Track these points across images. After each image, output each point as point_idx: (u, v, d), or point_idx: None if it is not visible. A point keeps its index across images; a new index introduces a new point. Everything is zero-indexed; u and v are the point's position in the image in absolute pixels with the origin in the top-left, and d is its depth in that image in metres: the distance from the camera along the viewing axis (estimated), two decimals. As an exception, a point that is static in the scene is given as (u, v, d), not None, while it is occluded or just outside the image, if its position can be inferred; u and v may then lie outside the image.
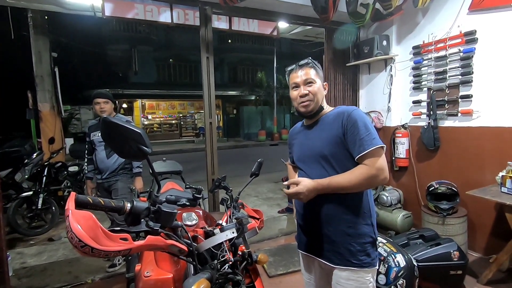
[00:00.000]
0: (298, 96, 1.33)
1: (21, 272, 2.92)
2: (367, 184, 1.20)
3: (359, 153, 1.19)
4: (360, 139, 1.19)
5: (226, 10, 3.32)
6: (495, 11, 2.76)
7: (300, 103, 1.34)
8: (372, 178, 1.17)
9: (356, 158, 1.21)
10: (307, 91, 1.31)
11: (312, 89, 1.31)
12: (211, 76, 3.25)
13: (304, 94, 1.32)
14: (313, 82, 1.32)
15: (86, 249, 0.65)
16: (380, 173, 1.17)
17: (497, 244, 2.73)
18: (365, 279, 1.27)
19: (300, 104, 1.34)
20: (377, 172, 1.17)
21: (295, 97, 1.36)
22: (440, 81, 3.20)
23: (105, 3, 2.96)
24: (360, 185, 1.19)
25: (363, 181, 1.17)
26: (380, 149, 1.19)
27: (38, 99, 5.60)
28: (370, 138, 1.19)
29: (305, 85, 1.32)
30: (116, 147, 0.88)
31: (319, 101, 1.34)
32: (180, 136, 18.16)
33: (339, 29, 3.92)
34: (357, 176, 1.17)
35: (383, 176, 1.18)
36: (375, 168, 1.17)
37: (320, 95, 1.34)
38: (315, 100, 1.32)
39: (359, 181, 1.17)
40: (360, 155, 1.19)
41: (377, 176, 1.17)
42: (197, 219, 1.38)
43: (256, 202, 5.25)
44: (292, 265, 2.87)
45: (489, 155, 2.88)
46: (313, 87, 1.32)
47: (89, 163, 2.91)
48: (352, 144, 1.22)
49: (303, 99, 1.32)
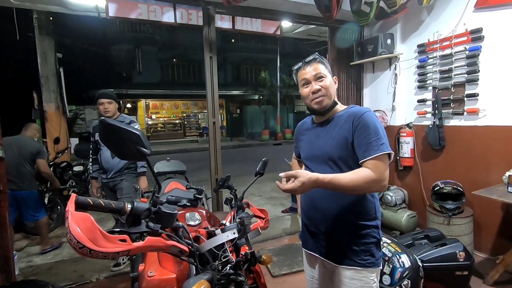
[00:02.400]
0: (310, 92, 1.27)
1: (27, 270, 2.95)
2: (365, 188, 1.14)
3: (364, 157, 1.16)
4: (367, 143, 1.16)
5: (229, 10, 3.32)
6: (501, 8, 2.72)
7: (313, 100, 1.27)
8: (371, 182, 1.12)
9: (361, 161, 1.17)
10: (319, 86, 1.25)
11: (324, 84, 1.25)
12: (215, 75, 3.25)
13: (317, 90, 1.25)
14: (324, 77, 1.26)
15: (84, 250, 0.65)
16: (380, 180, 1.13)
17: (504, 245, 2.69)
18: (369, 279, 1.26)
19: (313, 101, 1.28)
20: (378, 178, 1.12)
21: (306, 94, 1.29)
22: (445, 80, 3.17)
23: (109, 3, 2.98)
24: (358, 187, 1.12)
25: (362, 184, 1.11)
26: (385, 156, 1.15)
27: (43, 100, 5.66)
28: (378, 143, 1.15)
29: (316, 81, 1.26)
30: (115, 148, 0.88)
31: (332, 96, 1.28)
32: (184, 136, 18.23)
33: (342, 27, 3.89)
34: (358, 178, 1.12)
35: (383, 184, 1.14)
36: (377, 173, 1.12)
37: (332, 89, 1.28)
38: (328, 94, 1.26)
39: (359, 183, 1.11)
40: (365, 160, 1.16)
41: (377, 182, 1.12)
42: (200, 219, 1.38)
43: (259, 202, 5.25)
44: (296, 264, 2.87)
45: (496, 154, 2.84)
46: (325, 82, 1.26)
47: (94, 163, 2.92)
48: (358, 147, 1.18)
49: (316, 95, 1.26)
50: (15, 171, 3.11)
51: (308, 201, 1.38)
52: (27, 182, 3.19)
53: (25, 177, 3.18)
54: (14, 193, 3.07)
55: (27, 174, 3.21)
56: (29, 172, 3.22)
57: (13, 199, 3.07)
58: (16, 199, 3.12)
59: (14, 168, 3.09)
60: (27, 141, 3.28)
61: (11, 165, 3.05)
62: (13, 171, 3.07)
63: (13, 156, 3.10)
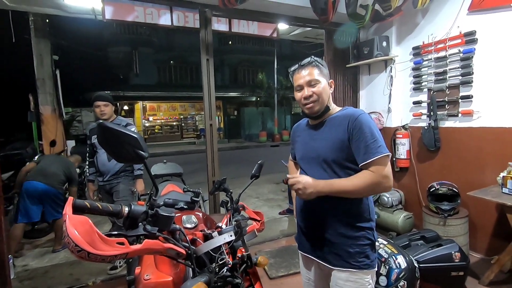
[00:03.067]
0: (302, 97, 1.29)
1: (23, 274, 2.93)
2: (370, 191, 1.19)
3: (364, 160, 1.17)
4: (365, 146, 1.17)
5: (226, 12, 3.33)
6: (494, 11, 2.76)
7: (304, 105, 1.30)
8: (376, 185, 1.16)
9: (361, 165, 1.19)
10: (311, 92, 1.27)
11: (316, 90, 1.27)
12: (211, 78, 3.25)
13: (308, 96, 1.27)
14: (317, 82, 1.27)
15: (83, 253, 0.65)
16: (385, 181, 1.16)
17: (499, 245, 2.72)
18: (364, 281, 1.27)
19: (304, 106, 1.31)
20: (382, 180, 1.15)
21: (299, 99, 1.32)
22: (440, 82, 3.20)
23: (106, 6, 2.97)
24: (364, 191, 1.18)
25: (367, 187, 1.16)
26: (385, 158, 1.16)
27: (39, 102, 5.62)
28: (376, 145, 1.16)
29: (308, 86, 1.28)
30: (113, 151, 0.88)
31: (324, 102, 1.29)
32: (181, 138, 18.19)
33: (338, 30, 3.92)
34: (362, 182, 1.16)
35: (388, 184, 1.17)
36: (381, 176, 1.15)
37: (326, 95, 1.29)
38: (319, 100, 1.28)
39: (364, 187, 1.16)
40: (365, 163, 1.17)
41: (381, 184, 1.16)
42: (196, 222, 1.38)
43: (257, 204, 5.25)
44: (293, 266, 2.87)
45: (490, 155, 2.87)
46: (317, 88, 1.27)
47: (90, 165, 2.91)
48: (357, 151, 1.20)
49: (307, 100, 1.28)
50: (51, 171, 3.41)
51: (303, 204, 1.38)
52: (57, 183, 3.43)
53: (57, 178, 3.43)
54: (45, 186, 3.29)
55: (59, 178, 3.46)
56: (61, 179, 3.48)
57: (40, 192, 3.27)
58: (43, 194, 3.29)
59: (51, 169, 3.42)
60: (70, 163, 3.75)
61: (50, 166, 3.44)
62: (49, 170, 3.40)
63: (55, 162, 3.53)
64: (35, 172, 3.37)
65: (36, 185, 3.25)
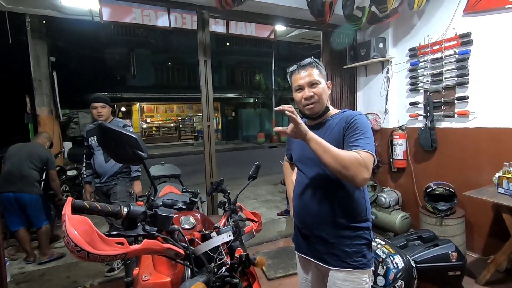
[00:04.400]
0: (303, 98, 1.28)
1: (19, 277, 2.91)
2: (350, 168, 1.08)
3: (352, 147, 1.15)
4: (356, 140, 1.17)
5: (223, 14, 3.34)
6: (489, 13, 2.79)
7: (305, 106, 1.29)
8: (358, 165, 1.08)
9: None
10: (312, 93, 1.26)
11: (317, 91, 1.26)
12: (209, 79, 3.26)
13: (309, 97, 1.26)
14: (317, 83, 1.27)
15: (82, 253, 0.66)
16: (363, 170, 1.09)
17: (495, 245, 2.74)
18: (361, 280, 1.27)
19: (305, 107, 1.30)
20: (362, 168, 1.09)
21: (299, 100, 1.30)
22: (436, 83, 3.23)
23: (103, 7, 2.97)
24: (344, 164, 1.08)
25: (348, 162, 1.08)
26: (370, 155, 1.14)
27: (36, 103, 5.59)
28: (364, 142, 1.16)
29: (309, 87, 1.27)
30: (112, 152, 0.88)
31: (324, 102, 1.30)
32: (179, 139, 18.17)
33: (335, 31, 3.94)
34: (347, 155, 1.09)
35: (364, 175, 1.10)
36: (363, 162, 1.10)
37: (325, 96, 1.30)
38: (320, 101, 1.28)
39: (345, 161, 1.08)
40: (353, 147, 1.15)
41: (359, 168, 1.08)
42: (194, 222, 1.38)
43: (255, 205, 5.25)
44: (291, 267, 2.87)
45: (486, 156, 2.90)
46: (318, 88, 1.27)
47: (87, 167, 2.90)
48: (347, 142, 1.20)
49: (308, 101, 1.27)
50: (19, 173, 3.15)
51: (300, 204, 1.39)
52: (29, 186, 3.18)
53: (27, 180, 3.18)
54: (15, 195, 3.11)
55: (31, 178, 3.21)
56: (33, 177, 3.23)
57: (14, 201, 3.11)
58: (18, 202, 3.13)
59: (18, 171, 3.15)
60: (37, 147, 3.37)
61: (16, 167, 3.15)
62: (16, 173, 3.14)
63: (20, 160, 3.19)
64: (3, 180, 3.13)
65: (7, 196, 3.07)
